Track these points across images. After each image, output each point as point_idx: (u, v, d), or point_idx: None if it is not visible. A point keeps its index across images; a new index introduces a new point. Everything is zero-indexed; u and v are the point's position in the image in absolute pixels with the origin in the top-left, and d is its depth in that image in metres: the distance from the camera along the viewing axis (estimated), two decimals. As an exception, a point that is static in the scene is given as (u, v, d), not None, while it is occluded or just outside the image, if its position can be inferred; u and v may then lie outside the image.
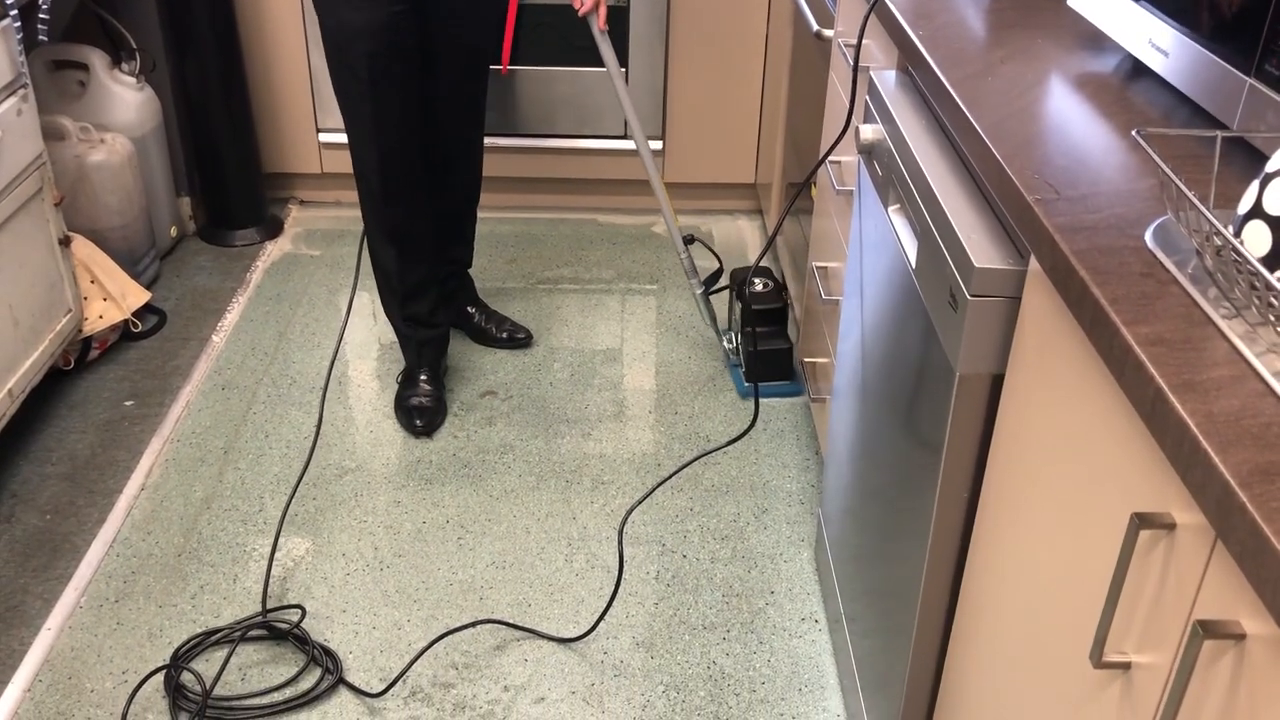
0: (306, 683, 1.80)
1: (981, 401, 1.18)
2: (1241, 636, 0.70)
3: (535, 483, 2.23)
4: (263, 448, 2.32)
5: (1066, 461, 0.98)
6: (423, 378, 2.40)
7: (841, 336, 1.82)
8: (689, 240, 2.49)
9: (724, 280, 2.58)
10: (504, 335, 2.65)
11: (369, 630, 1.90)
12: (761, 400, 2.43)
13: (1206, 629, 0.71)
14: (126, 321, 2.59)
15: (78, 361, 2.51)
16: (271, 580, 1.99)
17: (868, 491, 1.60)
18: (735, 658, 1.85)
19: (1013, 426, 1.12)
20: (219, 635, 1.85)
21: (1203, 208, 0.86)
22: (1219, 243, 0.88)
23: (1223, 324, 0.84)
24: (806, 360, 2.33)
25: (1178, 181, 0.89)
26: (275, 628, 1.87)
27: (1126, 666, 0.86)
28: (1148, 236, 0.97)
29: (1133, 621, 0.85)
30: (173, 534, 2.09)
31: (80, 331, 2.46)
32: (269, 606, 1.94)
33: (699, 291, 2.51)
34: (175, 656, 1.81)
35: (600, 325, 2.77)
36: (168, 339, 2.67)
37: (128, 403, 2.45)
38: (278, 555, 2.05)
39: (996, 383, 1.17)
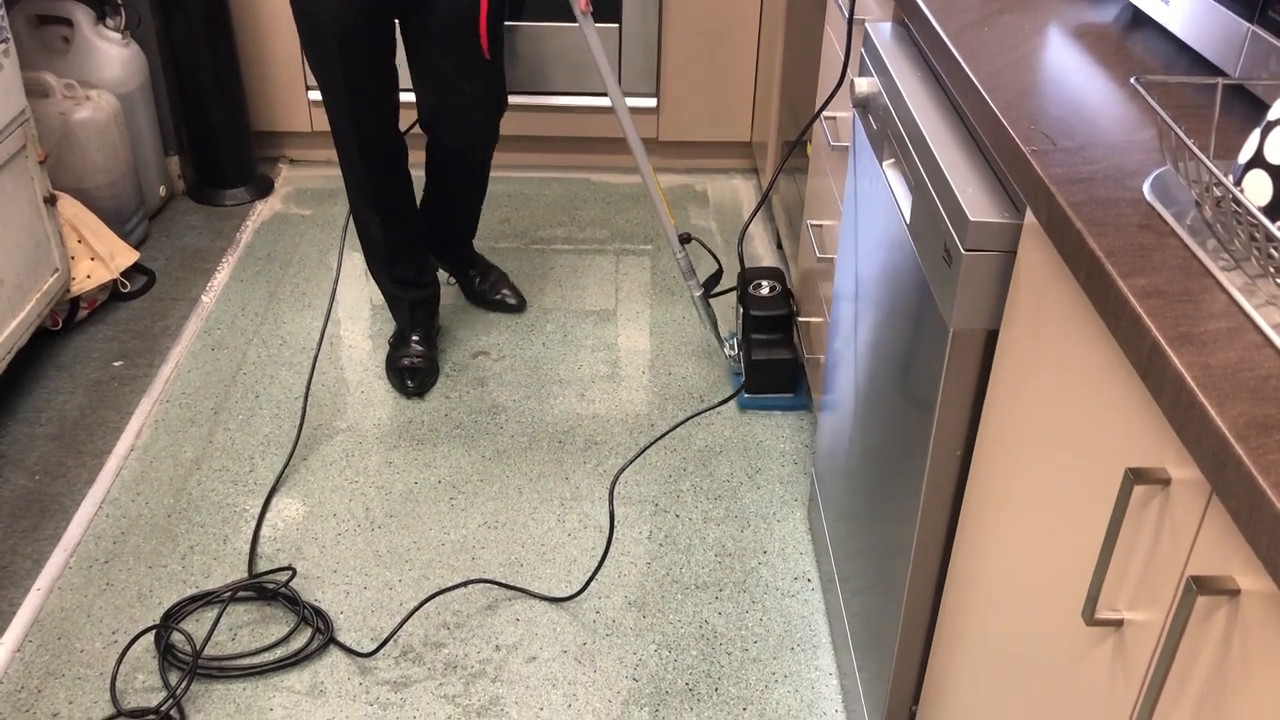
0: (297, 642, 1.79)
1: (975, 358, 1.16)
2: (1235, 592, 0.69)
3: (527, 443, 2.22)
4: (253, 408, 2.31)
5: (1061, 417, 0.96)
6: (414, 338, 2.38)
7: (836, 295, 1.80)
8: (686, 239, 2.31)
9: (726, 282, 2.47)
10: (496, 298, 2.60)
11: (360, 590, 1.89)
12: (759, 411, 2.31)
13: (1200, 585, 0.70)
14: (115, 281, 2.56)
15: (66, 322, 2.49)
16: (262, 541, 1.98)
17: (861, 450, 1.58)
18: (727, 616, 1.85)
19: (1007, 383, 1.10)
20: (209, 596, 1.85)
21: (1203, 156, 0.84)
22: (1219, 193, 0.86)
23: (1221, 276, 0.82)
24: (801, 319, 2.31)
25: (1177, 130, 0.86)
26: (265, 588, 1.87)
27: (1119, 624, 0.85)
28: (1146, 188, 0.95)
29: (1125, 579, 0.84)
30: (162, 495, 2.08)
31: (68, 291, 2.44)
32: (261, 569, 1.93)
33: (697, 295, 2.34)
34: (166, 617, 1.80)
35: (593, 286, 2.74)
36: (157, 299, 2.65)
37: (117, 363, 2.43)
38: (268, 516, 2.03)
39: (990, 339, 1.15)
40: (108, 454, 2.17)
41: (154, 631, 1.78)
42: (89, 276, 2.48)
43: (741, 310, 2.34)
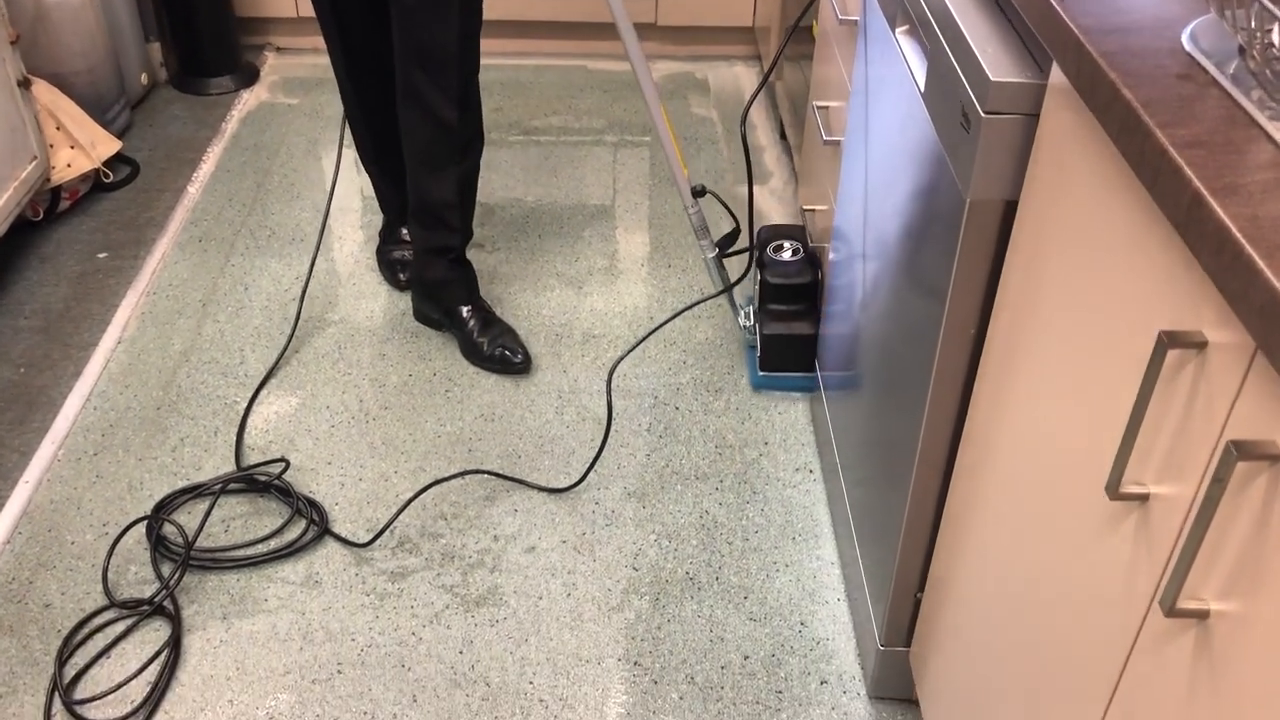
0: (291, 534, 1.76)
1: (992, 230, 1.11)
2: (1278, 458, 0.65)
3: (524, 335, 2.16)
4: (242, 300, 2.25)
5: (1085, 286, 0.91)
6: (404, 231, 2.32)
7: (843, 179, 1.73)
8: (699, 192, 1.99)
9: (743, 241, 2.18)
10: (495, 353, 2.08)
11: (355, 482, 1.86)
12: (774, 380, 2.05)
13: (1240, 450, 0.65)
14: (97, 171, 2.49)
15: (47, 213, 2.42)
16: (254, 434, 1.95)
17: (868, 338, 1.53)
18: (728, 507, 1.82)
19: (1026, 255, 1.05)
20: (201, 488, 1.81)
21: (1252, -5, 0.77)
22: (1268, 39, 0.79)
23: (1269, 126, 0.76)
24: (805, 208, 2.24)
25: (1224, -32, 0.79)
26: (258, 480, 1.83)
27: (1144, 498, 0.80)
28: (1185, 37, 0.88)
29: (1153, 451, 0.80)
30: (151, 387, 2.04)
31: (48, 181, 2.36)
32: (253, 461, 1.89)
33: (710, 255, 2.04)
34: (157, 509, 1.77)
35: (591, 177, 2.67)
36: (141, 190, 2.57)
37: (101, 255, 2.36)
38: (260, 409, 1.99)
39: (1008, 211, 1.10)
40: (94, 346, 2.12)
41: (145, 523, 1.76)
42: (69, 165, 2.40)
43: (757, 275, 2.08)
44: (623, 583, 1.69)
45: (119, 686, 1.53)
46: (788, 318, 2.01)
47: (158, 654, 1.57)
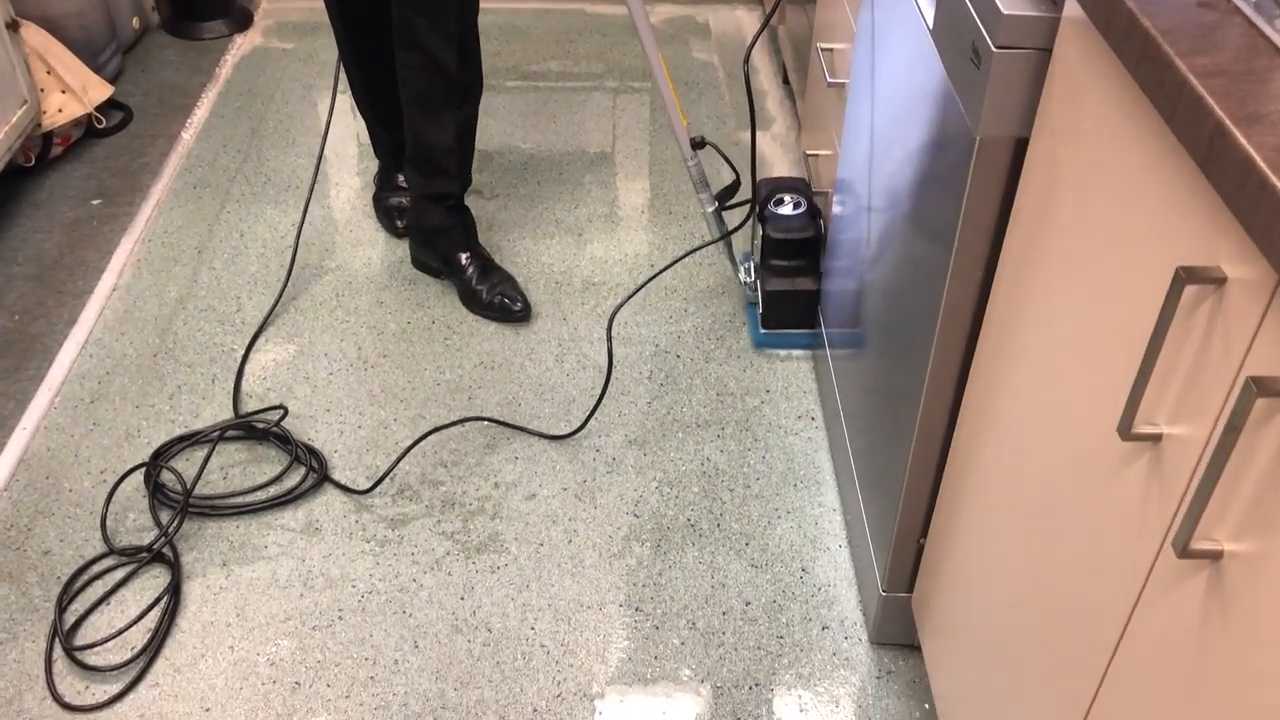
0: (290, 481, 1.75)
1: (1002, 169, 1.08)
2: (1299, 394, 0.63)
3: (524, 283, 2.14)
4: (238, 247, 2.23)
5: (1098, 224, 0.89)
6: (400, 178, 2.28)
7: (847, 122, 1.70)
8: (699, 144, 1.95)
9: (744, 194, 2.12)
10: (494, 301, 2.06)
11: (354, 429, 1.85)
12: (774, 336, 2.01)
13: (1260, 386, 0.64)
14: (90, 117, 2.45)
15: (39, 159, 2.38)
16: (252, 381, 1.93)
17: (873, 282, 1.51)
18: (729, 454, 1.81)
19: (1037, 192, 1.02)
20: (199, 435, 1.80)
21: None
22: (1292, -37, 0.76)
23: (1293, 54, 0.73)
24: (809, 154, 2.21)
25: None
26: (256, 427, 1.82)
27: (1157, 439, 0.79)
28: (1206, -35, 0.85)
29: (1167, 391, 0.78)
30: (147, 334, 2.02)
31: (39, 126, 2.33)
32: (251, 409, 1.88)
33: (710, 209, 2.00)
34: (155, 456, 1.76)
35: (590, 123, 2.63)
36: (135, 136, 2.54)
37: (95, 201, 2.33)
38: (258, 356, 1.98)
39: (1019, 149, 1.07)
40: (89, 294, 2.10)
41: (143, 470, 1.75)
42: (60, 110, 2.36)
43: (758, 230, 2.04)
44: (624, 529, 1.69)
45: (119, 633, 1.53)
46: (790, 273, 1.96)
47: (158, 600, 1.56)
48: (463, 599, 1.58)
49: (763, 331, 2.01)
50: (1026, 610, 1.04)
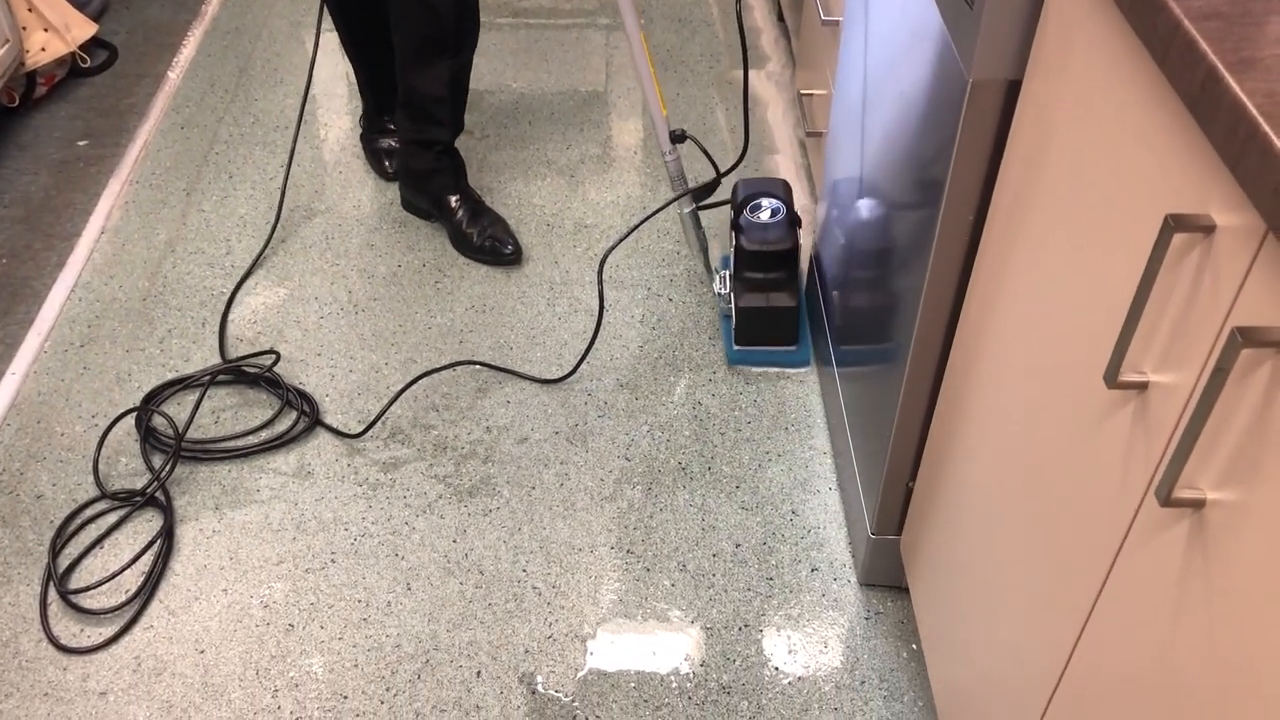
0: (282, 425, 1.76)
1: (994, 111, 1.07)
2: (1284, 345, 0.63)
3: (515, 225, 2.13)
4: (227, 189, 2.21)
5: (1089, 169, 0.88)
6: (388, 120, 2.25)
7: (841, 61, 1.68)
8: (678, 137, 1.81)
9: (723, 193, 1.99)
10: (485, 244, 2.04)
11: (345, 373, 1.85)
12: (753, 358, 1.86)
13: (1246, 336, 0.63)
14: (73, 56, 2.41)
15: (23, 99, 2.35)
16: (242, 324, 1.92)
17: (865, 227, 1.50)
18: (721, 398, 1.81)
19: (1029, 135, 1.01)
20: (190, 380, 1.80)
21: None
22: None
23: (1289, -4, 0.72)
24: (803, 93, 2.18)
25: None
26: (247, 372, 1.82)
27: (1143, 387, 0.79)
28: (1204, -98, 0.83)
29: (1154, 340, 0.78)
30: (137, 278, 2.01)
31: (22, 65, 2.29)
32: (241, 353, 1.87)
33: (686, 210, 1.86)
34: (146, 400, 1.76)
35: (582, 61, 2.59)
36: (120, 75, 2.50)
37: (81, 143, 2.31)
38: (248, 299, 1.97)
39: (1011, 91, 1.06)
40: (77, 236, 2.08)
41: (134, 415, 1.75)
42: (44, 49, 2.33)
43: (733, 237, 1.85)
44: (615, 473, 1.69)
45: (113, 576, 1.54)
46: (765, 287, 1.82)
47: (151, 544, 1.57)
48: (455, 542, 1.59)
49: (736, 349, 1.86)
50: (1012, 554, 1.05)
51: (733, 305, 1.84)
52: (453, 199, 2.08)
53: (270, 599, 1.52)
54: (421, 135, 2.04)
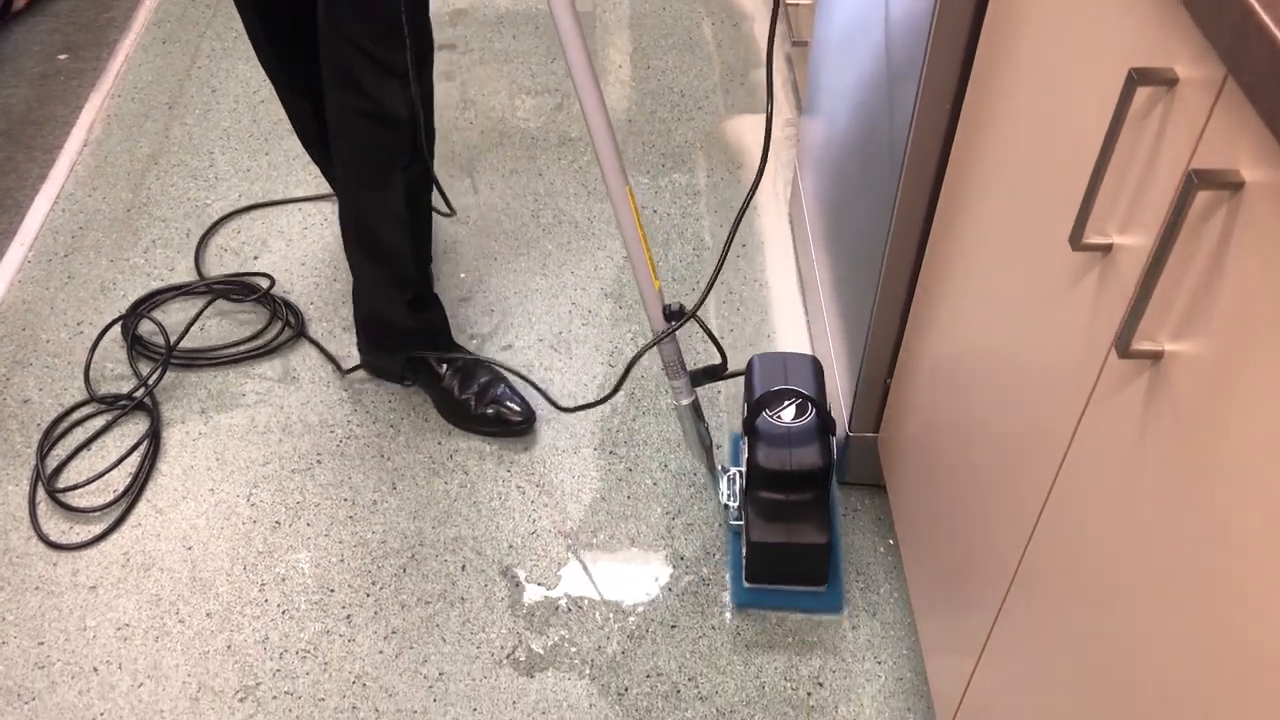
0: (268, 335, 1.76)
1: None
2: (1239, 185, 0.64)
3: (498, 139, 2.12)
4: (210, 102, 2.19)
5: (1057, 31, 0.88)
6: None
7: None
8: (674, 314, 1.29)
9: (731, 372, 1.41)
10: (489, 412, 1.60)
11: (329, 283, 1.85)
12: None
13: (1201, 178, 0.64)
14: (51, -31, 2.38)
15: (1, 13, 2.33)
16: (225, 235, 1.92)
17: (846, 124, 1.50)
18: (706, 306, 1.82)
19: (1002, 13, 1.01)
20: (181, 289, 1.80)
21: None
22: None
23: None
24: (789, 2, 2.16)
25: None
26: (235, 285, 1.82)
27: (1107, 249, 0.80)
28: None
29: (1117, 202, 0.79)
30: (120, 189, 2.00)
31: (0, -23, 2.26)
32: (228, 266, 1.88)
33: (685, 401, 1.38)
34: (133, 308, 1.76)
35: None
36: (99, -10, 2.47)
37: (61, 56, 2.28)
38: (231, 214, 1.96)
39: (989, -26, 1.05)
40: (59, 149, 2.07)
41: (121, 323, 1.75)
42: (21, -39, 2.30)
43: (746, 445, 1.41)
44: (598, 379, 1.71)
45: (100, 475, 1.55)
46: (787, 515, 1.35)
47: (137, 445, 1.59)
48: (440, 443, 1.61)
49: (747, 586, 1.43)
50: (984, 429, 1.06)
51: (744, 535, 1.42)
52: (438, 365, 1.64)
53: (257, 498, 1.54)
54: (383, 277, 1.57)
